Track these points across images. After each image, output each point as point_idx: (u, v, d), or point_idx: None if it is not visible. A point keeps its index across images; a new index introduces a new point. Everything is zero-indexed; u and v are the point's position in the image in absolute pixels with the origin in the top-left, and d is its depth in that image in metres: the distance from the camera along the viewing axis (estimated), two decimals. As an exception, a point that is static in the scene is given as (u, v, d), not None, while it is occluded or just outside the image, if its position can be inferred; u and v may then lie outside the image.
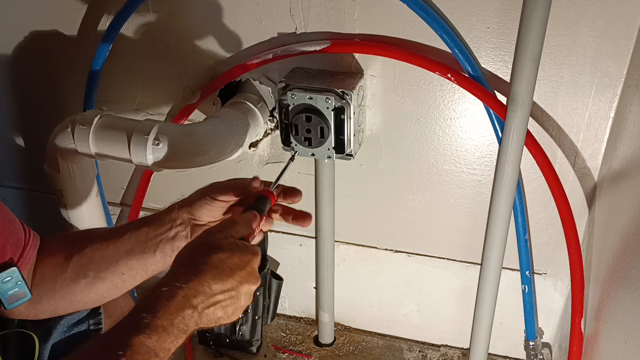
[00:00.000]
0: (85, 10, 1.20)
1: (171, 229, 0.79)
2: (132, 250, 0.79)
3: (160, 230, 0.79)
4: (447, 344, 1.45)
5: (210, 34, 1.16)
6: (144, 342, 0.58)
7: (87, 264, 0.80)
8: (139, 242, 0.79)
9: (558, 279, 1.26)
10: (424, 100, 1.11)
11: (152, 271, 0.81)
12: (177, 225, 0.79)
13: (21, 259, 0.75)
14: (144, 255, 0.79)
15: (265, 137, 1.25)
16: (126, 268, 0.80)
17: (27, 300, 0.75)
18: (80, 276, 0.79)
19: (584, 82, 1.02)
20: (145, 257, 0.79)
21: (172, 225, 0.79)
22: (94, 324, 0.88)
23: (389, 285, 1.40)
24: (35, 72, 1.33)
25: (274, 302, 1.42)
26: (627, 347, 0.85)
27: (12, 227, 0.75)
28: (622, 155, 0.98)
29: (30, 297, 0.75)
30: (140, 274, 0.81)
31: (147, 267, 0.80)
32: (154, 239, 0.79)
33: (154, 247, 0.79)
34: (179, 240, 0.79)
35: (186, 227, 0.79)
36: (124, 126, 1.02)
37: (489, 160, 1.15)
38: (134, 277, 0.81)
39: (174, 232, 0.79)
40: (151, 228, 0.80)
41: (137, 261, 0.79)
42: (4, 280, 0.71)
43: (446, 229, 1.26)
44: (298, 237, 1.39)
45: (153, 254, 0.79)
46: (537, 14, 0.89)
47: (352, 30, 1.08)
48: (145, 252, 0.79)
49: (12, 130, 1.44)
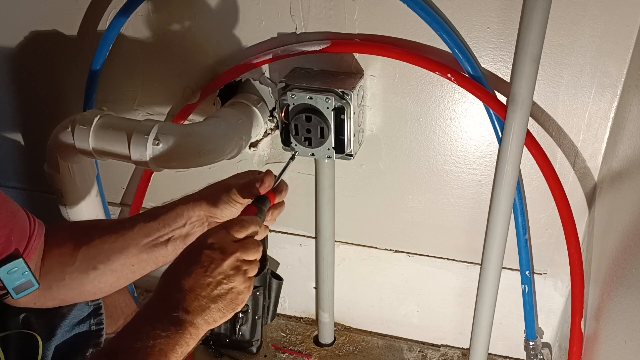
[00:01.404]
0: (85, 10, 1.20)
1: (185, 226, 0.79)
2: (142, 243, 0.80)
3: (174, 225, 0.80)
4: (447, 344, 1.45)
5: (210, 34, 1.16)
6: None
7: (96, 256, 0.80)
8: (149, 235, 0.80)
9: (558, 279, 1.26)
10: (424, 100, 1.11)
11: (163, 262, 0.81)
12: (193, 222, 0.80)
13: (27, 249, 0.75)
14: (155, 249, 0.80)
15: (265, 137, 1.25)
16: (136, 260, 0.80)
17: (35, 289, 0.75)
18: (89, 268, 0.80)
19: (584, 82, 1.02)
20: (157, 251, 0.80)
21: (186, 222, 0.79)
22: (95, 323, 0.88)
23: (389, 285, 1.40)
24: (35, 72, 1.33)
25: (274, 302, 1.42)
26: (627, 347, 0.85)
27: (15, 218, 0.75)
28: (622, 155, 0.98)
29: (37, 287, 0.75)
30: (150, 265, 0.81)
31: (157, 260, 0.81)
32: (167, 234, 0.80)
33: (165, 242, 0.80)
34: (193, 236, 0.79)
35: (203, 224, 0.80)
36: (124, 126, 1.02)
37: (489, 160, 1.15)
38: (144, 268, 0.81)
39: (188, 229, 0.79)
40: (162, 223, 0.80)
41: (147, 254, 0.80)
42: (10, 271, 0.72)
43: (446, 229, 1.26)
44: (298, 237, 1.39)
45: (165, 247, 0.80)
46: (537, 14, 0.89)
47: (352, 30, 1.08)
48: (157, 246, 0.80)
49: (12, 130, 1.44)
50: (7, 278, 0.72)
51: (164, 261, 0.81)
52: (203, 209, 0.80)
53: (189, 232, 0.79)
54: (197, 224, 0.79)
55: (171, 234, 0.80)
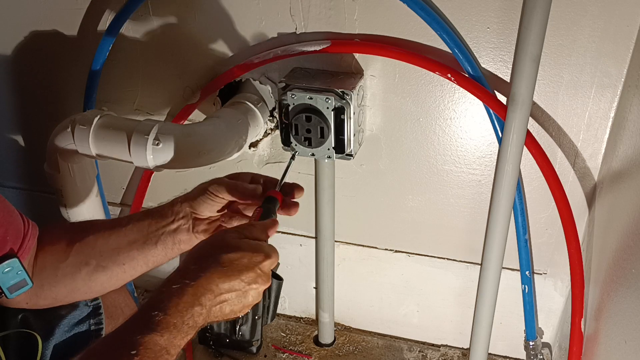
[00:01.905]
0: (85, 10, 1.20)
1: (173, 222, 0.81)
2: (134, 241, 0.81)
3: (163, 222, 0.81)
4: (447, 344, 1.45)
5: (210, 34, 1.16)
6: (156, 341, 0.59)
7: (89, 252, 0.81)
8: (141, 233, 0.81)
9: (558, 279, 1.26)
10: (424, 100, 1.11)
11: (153, 263, 0.82)
12: (180, 218, 0.81)
13: (21, 248, 0.76)
14: (145, 247, 0.81)
15: (265, 137, 1.25)
16: (127, 258, 0.81)
17: (29, 288, 0.76)
18: (82, 264, 0.81)
19: (584, 82, 1.02)
20: (147, 249, 0.81)
21: (174, 218, 0.81)
22: (94, 323, 0.88)
23: (389, 285, 1.40)
24: (35, 72, 1.33)
25: (274, 302, 1.41)
26: (627, 347, 0.85)
27: (11, 218, 0.76)
28: (622, 155, 0.98)
29: (31, 286, 0.76)
30: (140, 265, 0.82)
31: (147, 259, 0.81)
32: (156, 231, 0.81)
33: (155, 239, 0.81)
34: (180, 233, 0.81)
35: (188, 221, 0.81)
36: (124, 126, 1.02)
37: (489, 160, 1.15)
38: (134, 267, 0.82)
39: (176, 225, 0.81)
40: (153, 220, 0.81)
41: (138, 252, 0.81)
42: (4, 271, 0.73)
43: (446, 229, 1.26)
44: (298, 237, 1.39)
45: (154, 245, 0.81)
46: (537, 14, 0.89)
47: (352, 30, 1.08)
48: (147, 244, 0.81)
49: (12, 130, 1.44)
50: (1, 277, 0.73)
51: (154, 261, 0.82)
52: (187, 205, 0.81)
53: (177, 228, 0.81)
54: (184, 221, 0.81)
55: (161, 230, 0.81)
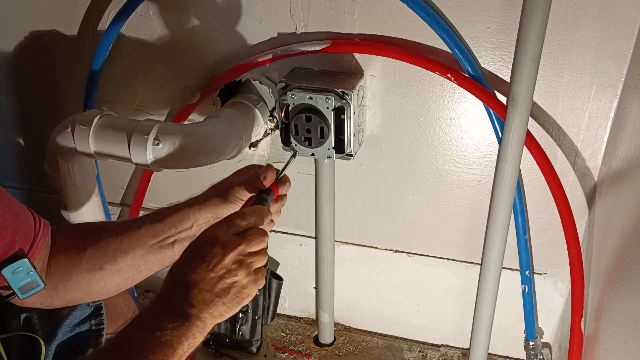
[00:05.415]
0: (85, 10, 1.20)
1: (192, 228, 0.81)
2: (148, 244, 0.81)
3: (180, 227, 0.81)
4: (447, 344, 1.45)
5: (210, 34, 1.16)
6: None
7: (102, 257, 0.81)
8: (155, 237, 0.81)
9: (558, 279, 1.26)
10: (424, 100, 1.11)
11: (169, 263, 0.82)
12: (200, 224, 0.81)
13: (32, 249, 0.76)
14: (161, 250, 0.81)
15: (265, 137, 1.25)
16: (142, 261, 0.81)
17: (41, 289, 0.76)
18: (96, 268, 0.80)
19: (584, 82, 1.02)
20: (163, 252, 0.81)
21: (193, 224, 0.81)
22: (96, 324, 0.88)
23: (389, 285, 1.40)
24: (35, 72, 1.33)
25: (274, 302, 1.42)
26: (627, 347, 0.85)
27: (19, 218, 0.76)
28: (622, 155, 0.98)
29: (43, 287, 0.76)
30: (156, 265, 0.82)
31: (164, 260, 0.82)
32: (173, 236, 0.81)
33: (172, 243, 0.81)
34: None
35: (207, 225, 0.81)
36: (124, 126, 1.03)
37: (489, 160, 1.15)
38: (150, 268, 0.82)
39: (195, 231, 0.81)
40: (167, 225, 0.81)
41: (154, 255, 0.81)
42: (15, 271, 0.72)
43: (446, 229, 1.26)
44: (298, 237, 1.39)
45: (171, 248, 0.81)
46: (537, 14, 0.89)
47: (352, 30, 1.08)
48: (163, 248, 0.81)
49: (12, 130, 1.44)
50: (12, 278, 0.72)
51: (170, 262, 0.82)
52: (209, 211, 0.81)
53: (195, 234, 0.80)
54: (204, 226, 0.80)
55: (177, 235, 0.81)
